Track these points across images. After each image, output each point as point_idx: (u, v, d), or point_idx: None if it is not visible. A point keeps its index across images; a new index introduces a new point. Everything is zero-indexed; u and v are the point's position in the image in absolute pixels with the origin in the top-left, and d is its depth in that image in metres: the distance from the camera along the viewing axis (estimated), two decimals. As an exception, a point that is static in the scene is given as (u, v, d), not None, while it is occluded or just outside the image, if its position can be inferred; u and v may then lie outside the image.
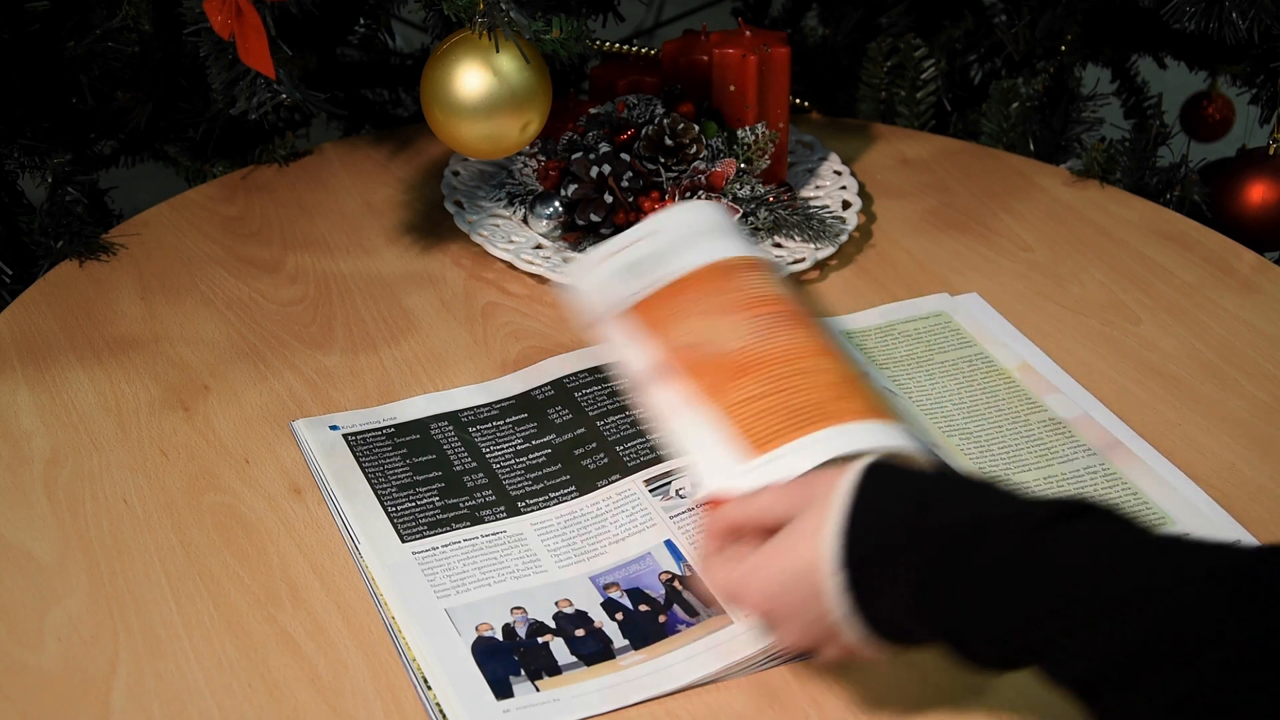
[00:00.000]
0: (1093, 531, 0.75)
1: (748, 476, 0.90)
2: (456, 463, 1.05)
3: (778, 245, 1.26)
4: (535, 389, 1.11)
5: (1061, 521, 0.75)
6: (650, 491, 1.02)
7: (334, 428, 1.06)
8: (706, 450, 0.94)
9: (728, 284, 1.05)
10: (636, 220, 1.23)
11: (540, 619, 0.93)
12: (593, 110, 1.27)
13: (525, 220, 1.27)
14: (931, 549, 0.76)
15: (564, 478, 1.04)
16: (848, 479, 0.80)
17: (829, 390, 0.96)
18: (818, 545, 0.79)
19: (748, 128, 1.26)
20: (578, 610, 0.94)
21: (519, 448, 1.06)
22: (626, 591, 0.95)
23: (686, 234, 1.09)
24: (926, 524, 0.77)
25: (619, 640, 0.92)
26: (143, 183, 1.51)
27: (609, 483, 1.03)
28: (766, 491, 0.86)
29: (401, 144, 1.41)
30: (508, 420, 1.09)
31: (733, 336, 1.00)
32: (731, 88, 1.27)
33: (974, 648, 0.77)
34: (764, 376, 0.97)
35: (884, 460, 0.81)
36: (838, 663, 0.87)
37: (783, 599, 0.81)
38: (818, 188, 1.34)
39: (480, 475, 1.04)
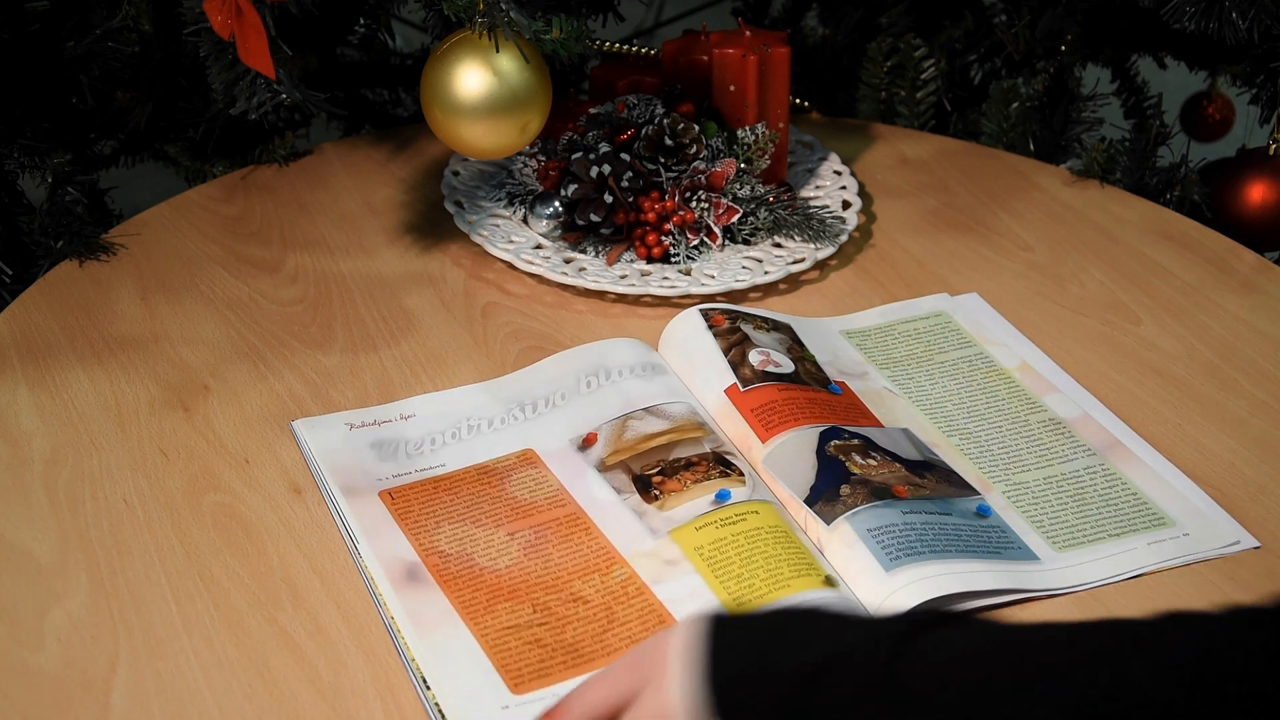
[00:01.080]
0: (947, 643, 0.72)
1: (505, 715, 0.86)
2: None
3: (778, 245, 1.26)
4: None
5: (915, 637, 0.72)
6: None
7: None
8: (461, 678, 0.88)
9: (492, 489, 1.02)
10: (637, 220, 1.23)
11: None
12: (593, 110, 1.27)
13: (525, 220, 1.27)
14: (791, 693, 0.73)
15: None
16: (685, 637, 0.75)
17: (594, 624, 0.92)
18: (676, 710, 0.74)
19: (748, 128, 1.26)
20: None
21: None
22: None
23: (452, 423, 1.07)
24: (782, 667, 0.73)
25: None
26: (143, 183, 1.51)
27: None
28: (597, 683, 0.78)
29: (401, 144, 1.41)
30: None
31: (493, 553, 0.97)
32: (731, 88, 1.27)
33: None
34: (525, 604, 0.93)
35: (719, 615, 0.76)
36: None
37: None
38: (818, 188, 1.34)
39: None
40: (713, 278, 1.21)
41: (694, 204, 1.23)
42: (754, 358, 1.10)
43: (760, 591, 0.92)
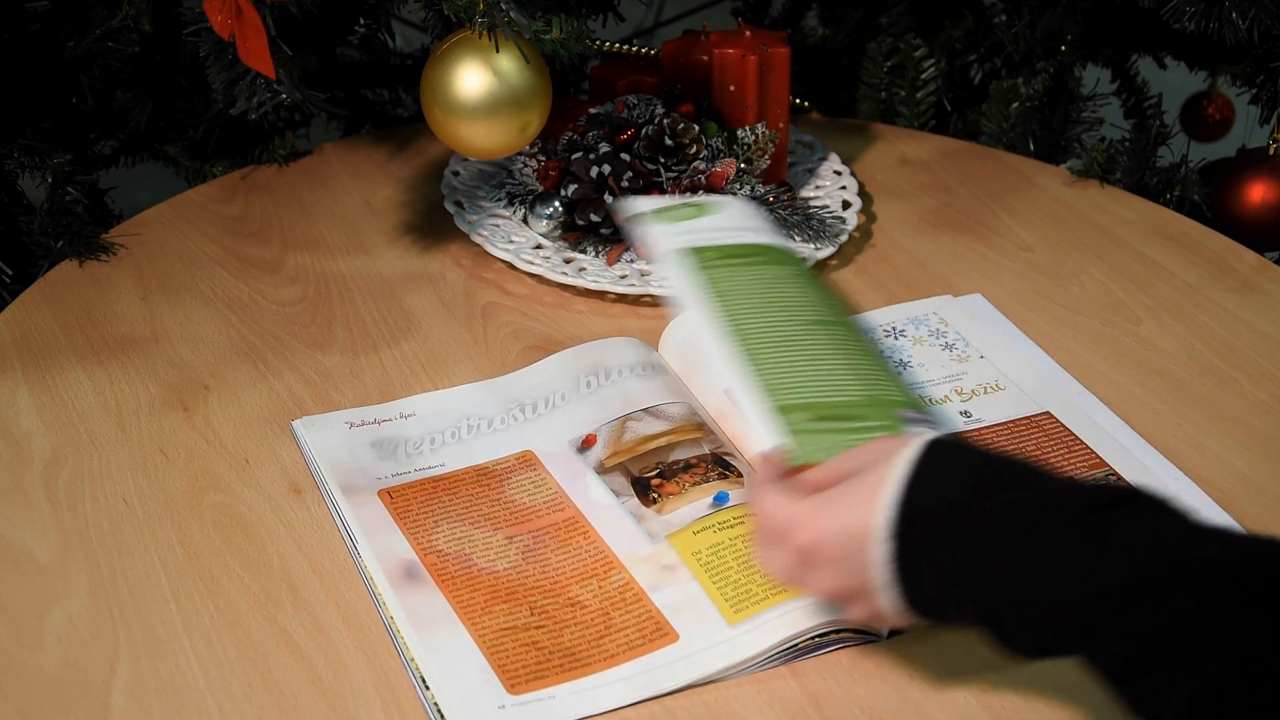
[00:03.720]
0: (1143, 516, 0.76)
1: (502, 715, 0.87)
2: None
3: (778, 245, 1.26)
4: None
5: (1114, 507, 0.76)
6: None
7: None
8: (458, 677, 0.88)
9: (491, 491, 1.02)
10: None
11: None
12: (593, 110, 1.27)
13: (525, 220, 1.27)
14: (981, 530, 0.77)
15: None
16: (908, 452, 0.81)
17: (591, 629, 0.92)
18: (873, 508, 0.80)
19: (748, 128, 1.26)
20: None
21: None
22: None
23: (452, 422, 1.07)
24: (978, 505, 0.78)
25: None
26: (143, 183, 1.51)
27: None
28: (841, 458, 0.87)
29: (401, 144, 1.41)
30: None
31: (491, 555, 0.97)
32: (731, 88, 1.27)
33: (1013, 632, 0.77)
34: (523, 606, 0.93)
35: (945, 438, 0.83)
36: (862, 622, 0.89)
37: (828, 546, 0.83)
38: (818, 188, 1.34)
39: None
40: (713, 278, 1.21)
41: (694, 204, 1.23)
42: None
43: (758, 596, 0.92)
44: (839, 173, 1.36)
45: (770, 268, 1.00)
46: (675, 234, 1.03)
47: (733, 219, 1.03)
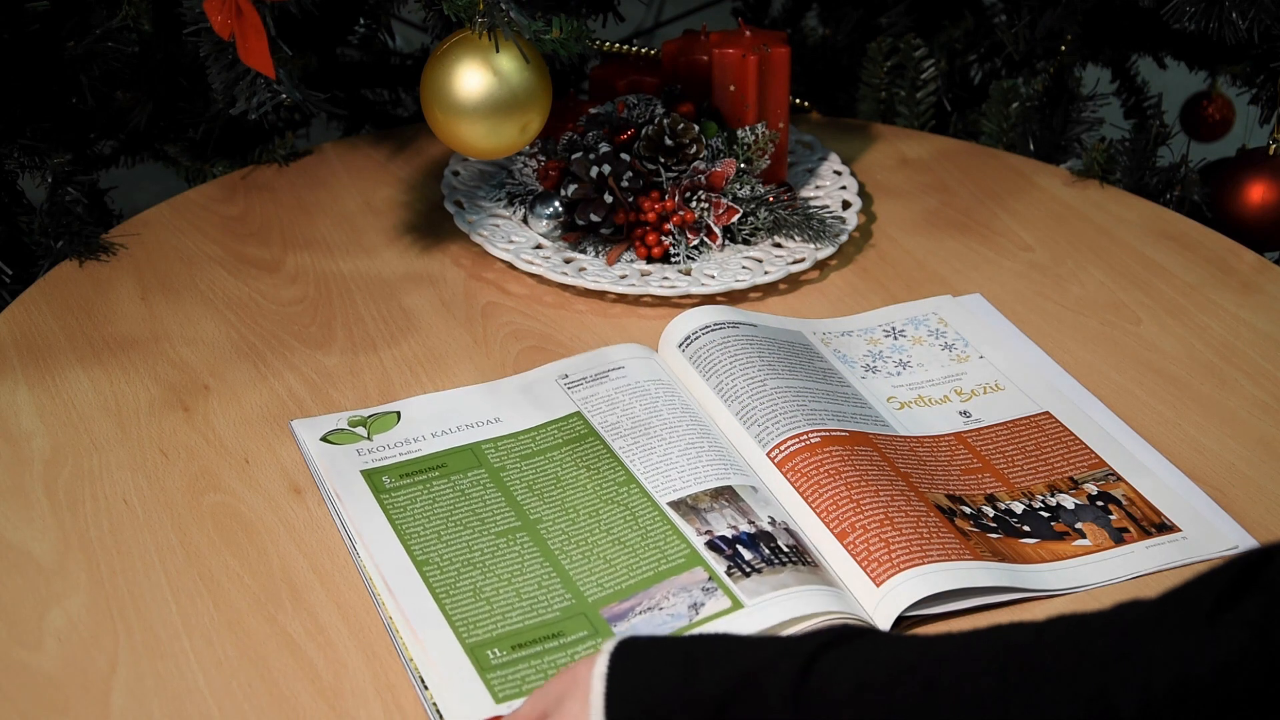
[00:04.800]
0: (853, 658, 0.73)
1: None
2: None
3: (778, 245, 1.26)
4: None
5: (822, 654, 0.73)
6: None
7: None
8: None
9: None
10: (637, 220, 1.23)
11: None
12: (593, 110, 1.27)
13: (525, 220, 1.27)
14: (699, 717, 0.74)
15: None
16: (598, 666, 0.77)
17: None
18: None
19: (748, 128, 1.26)
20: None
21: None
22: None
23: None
24: (689, 696, 0.75)
25: None
26: (143, 183, 1.51)
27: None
28: (532, 695, 0.82)
29: (401, 144, 1.41)
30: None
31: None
32: (731, 88, 1.27)
33: None
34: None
35: (629, 639, 0.79)
36: None
37: None
38: (818, 188, 1.34)
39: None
40: (713, 278, 1.21)
41: (694, 204, 1.23)
42: (754, 358, 1.10)
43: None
44: (839, 173, 1.36)
45: (459, 476, 0.98)
46: (345, 456, 1.01)
47: (418, 426, 1.00)
